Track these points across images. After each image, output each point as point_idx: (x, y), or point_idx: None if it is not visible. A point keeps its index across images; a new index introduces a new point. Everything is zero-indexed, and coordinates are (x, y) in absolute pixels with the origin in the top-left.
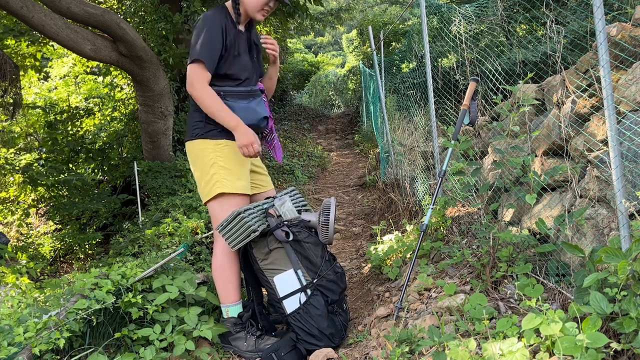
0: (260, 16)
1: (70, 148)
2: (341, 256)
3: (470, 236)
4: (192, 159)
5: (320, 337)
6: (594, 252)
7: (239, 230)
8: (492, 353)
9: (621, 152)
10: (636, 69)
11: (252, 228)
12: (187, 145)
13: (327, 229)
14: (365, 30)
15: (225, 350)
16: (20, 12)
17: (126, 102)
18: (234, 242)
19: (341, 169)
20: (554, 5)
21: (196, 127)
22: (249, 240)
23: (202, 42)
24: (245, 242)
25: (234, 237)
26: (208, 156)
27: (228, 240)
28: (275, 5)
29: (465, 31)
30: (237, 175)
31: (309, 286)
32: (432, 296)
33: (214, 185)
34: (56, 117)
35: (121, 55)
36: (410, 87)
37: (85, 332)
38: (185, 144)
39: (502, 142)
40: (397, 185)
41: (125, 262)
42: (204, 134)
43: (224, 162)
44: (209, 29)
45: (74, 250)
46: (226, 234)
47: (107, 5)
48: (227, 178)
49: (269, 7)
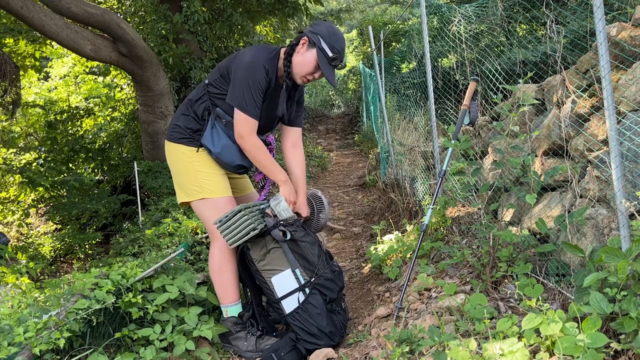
0: (300, 81)
1: (70, 147)
2: (341, 256)
3: (470, 236)
4: (170, 159)
5: (320, 335)
6: (594, 252)
7: (238, 228)
8: (492, 353)
9: (621, 152)
10: (636, 69)
11: (252, 226)
12: (166, 144)
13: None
14: (366, 30)
15: (225, 350)
16: (20, 12)
17: (126, 102)
18: (232, 239)
19: (341, 169)
20: (554, 5)
21: (175, 131)
22: (247, 238)
23: (250, 96)
24: (243, 240)
25: (233, 234)
26: (184, 160)
27: (226, 237)
28: (319, 77)
29: (465, 31)
30: (215, 178)
31: (307, 285)
32: (432, 296)
33: (194, 190)
34: (56, 117)
35: (121, 55)
36: (410, 87)
37: (85, 332)
38: (165, 141)
39: (502, 142)
40: (397, 185)
41: (125, 262)
42: (180, 139)
43: (200, 167)
44: (258, 81)
45: (74, 250)
46: (224, 231)
47: (107, 5)
48: (206, 182)
49: (312, 77)
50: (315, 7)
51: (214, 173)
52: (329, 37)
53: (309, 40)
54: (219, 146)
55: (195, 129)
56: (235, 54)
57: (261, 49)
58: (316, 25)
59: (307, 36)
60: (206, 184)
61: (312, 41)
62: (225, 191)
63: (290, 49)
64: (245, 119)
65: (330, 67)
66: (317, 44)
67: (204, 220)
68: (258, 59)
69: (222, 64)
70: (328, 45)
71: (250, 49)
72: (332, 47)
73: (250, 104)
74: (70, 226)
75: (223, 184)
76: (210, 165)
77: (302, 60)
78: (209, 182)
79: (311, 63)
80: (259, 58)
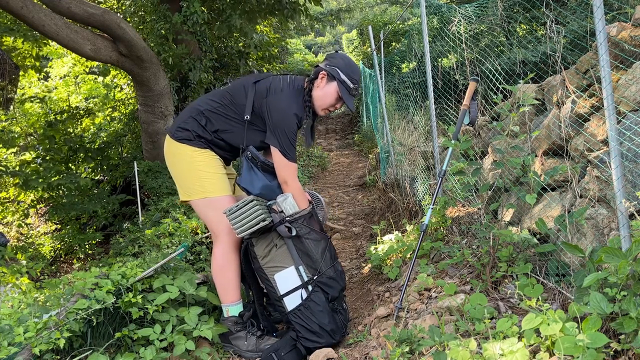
0: (322, 113)
1: (69, 147)
2: (341, 256)
3: (470, 236)
4: (172, 159)
5: (321, 333)
6: (594, 252)
7: (248, 217)
8: (492, 353)
9: (621, 152)
10: (636, 69)
11: (262, 217)
12: (168, 141)
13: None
14: (365, 30)
15: (225, 350)
16: (20, 12)
17: (126, 102)
18: (240, 228)
19: (341, 169)
20: (554, 5)
21: (182, 133)
22: (256, 228)
23: (288, 143)
24: (251, 230)
25: (242, 223)
26: (187, 160)
27: (235, 225)
28: (339, 107)
29: (465, 31)
30: (217, 177)
31: (310, 282)
32: (432, 296)
33: (196, 189)
34: (56, 117)
35: (121, 55)
36: (410, 87)
37: (85, 332)
38: (166, 138)
39: (502, 142)
40: (397, 185)
41: (125, 262)
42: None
43: (204, 167)
44: (294, 130)
45: (74, 250)
46: (234, 219)
47: (107, 5)
48: (209, 181)
49: (334, 108)
50: (315, 8)
51: (216, 173)
52: (347, 68)
53: (328, 74)
54: (258, 188)
55: (206, 138)
56: (266, 90)
57: (292, 95)
58: (332, 59)
59: (326, 70)
60: (208, 183)
61: (331, 74)
62: (226, 190)
63: (310, 83)
64: (287, 164)
65: (351, 97)
66: (337, 77)
67: (205, 219)
68: (290, 107)
69: (256, 102)
70: (347, 76)
71: (282, 93)
72: (352, 78)
73: (290, 150)
74: (70, 226)
75: (224, 184)
76: (213, 165)
77: (323, 94)
78: (211, 181)
79: (333, 95)
80: (291, 107)
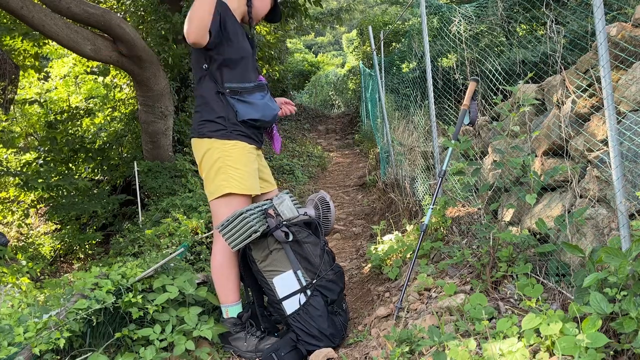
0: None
1: (70, 147)
2: (341, 256)
3: (470, 236)
4: (198, 157)
5: (321, 337)
6: (594, 252)
7: (240, 230)
8: (492, 353)
9: (621, 152)
10: (636, 69)
11: (253, 228)
12: (193, 142)
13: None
14: (366, 30)
15: (225, 350)
16: (20, 12)
17: (126, 102)
18: (234, 242)
19: (341, 169)
20: (554, 5)
21: (203, 126)
22: (249, 240)
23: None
24: (245, 242)
25: (235, 237)
26: (215, 156)
27: (228, 240)
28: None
29: (465, 31)
30: (246, 175)
31: (309, 287)
32: (432, 296)
33: (222, 185)
34: (56, 117)
35: (121, 55)
36: (410, 87)
37: (85, 332)
38: (191, 140)
39: (502, 142)
40: (397, 185)
41: (125, 262)
42: (210, 133)
43: (232, 162)
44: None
45: (74, 250)
46: (226, 234)
47: (107, 5)
48: (236, 178)
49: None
50: (315, 8)
51: (245, 169)
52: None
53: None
54: (260, 110)
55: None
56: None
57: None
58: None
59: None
60: (236, 177)
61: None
62: (252, 189)
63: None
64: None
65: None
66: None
67: (216, 216)
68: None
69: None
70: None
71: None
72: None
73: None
74: (70, 226)
75: (252, 182)
76: (243, 161)
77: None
78: (240, 177)
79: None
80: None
